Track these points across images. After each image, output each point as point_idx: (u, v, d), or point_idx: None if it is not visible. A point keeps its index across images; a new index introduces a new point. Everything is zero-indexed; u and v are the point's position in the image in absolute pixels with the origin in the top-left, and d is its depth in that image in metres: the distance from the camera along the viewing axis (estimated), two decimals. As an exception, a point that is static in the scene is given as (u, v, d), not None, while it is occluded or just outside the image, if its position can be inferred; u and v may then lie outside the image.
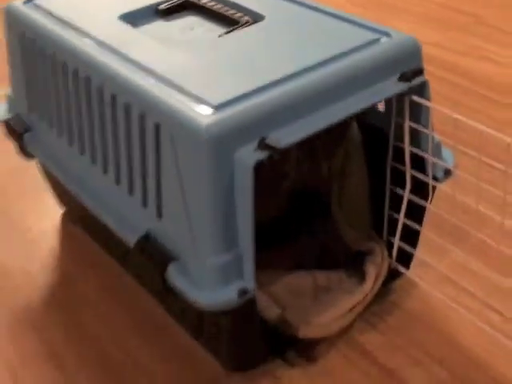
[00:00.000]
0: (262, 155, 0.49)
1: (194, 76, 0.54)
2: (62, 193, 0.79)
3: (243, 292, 0.51)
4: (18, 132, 0.71)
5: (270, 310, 0.61)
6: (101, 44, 0.60)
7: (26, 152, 0.72)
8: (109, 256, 0.75)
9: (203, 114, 0.50)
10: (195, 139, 0.49)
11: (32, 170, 0.81)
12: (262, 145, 0.49)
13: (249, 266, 0.52)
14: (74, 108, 0.63)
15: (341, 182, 0.68)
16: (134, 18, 0.65)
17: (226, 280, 0.52)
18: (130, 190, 0.58)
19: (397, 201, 0.64)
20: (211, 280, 0.52)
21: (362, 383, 0.61)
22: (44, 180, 0.80)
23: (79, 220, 0.79)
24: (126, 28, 0.63)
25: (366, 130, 0.65)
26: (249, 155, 0.49)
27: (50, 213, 0.83)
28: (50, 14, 0.66)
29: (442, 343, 0.64)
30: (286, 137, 0.49)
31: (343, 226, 0.68)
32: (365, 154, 0.66)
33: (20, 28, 0.67)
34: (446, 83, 1.02)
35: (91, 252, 0.77)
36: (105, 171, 0.61)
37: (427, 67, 0.59)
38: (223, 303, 0.51)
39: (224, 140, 0.49)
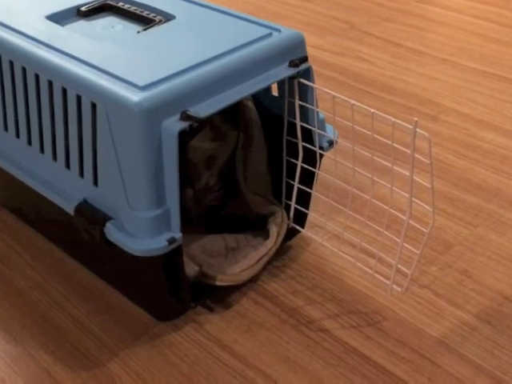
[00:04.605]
0: (184, 125, 0.60)
1: (122, 64, 0.65)
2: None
3: (172, 240, 0.62)
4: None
5: (188, 267, 0.72)
6: (34, 39, 0.69)
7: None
8: (40, 235, 0.83)
9: (134, 93, 0.60)
10: (128, 114, 0.60)
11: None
12: (184, 116, 0.60)
13: (175, 218, 0.63)
14: (9, 96, 0.71)
15: (245, 158, 0.80)
16: (59, 18, 0.74)
17: (157, 231, 0.62)
18: (67, 165, 0.67)
19: (292, 169, 0.77)
20: (145, 232, 0.62)
21: (269, 321, 0.74)
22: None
23: (9, 204, 0.86)
24: (54, 26, 0.72)
25: (264, 112, 0.77)
26: (173, 125, 0.60)
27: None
28: (-20, 14, 0.74)
29: (332, 285, 0.78)
30: (202, 110, 0.61)
31: (249, 194, 0.81)
32: (263, 132, 0.79)
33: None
34: (325, 79, 1.18)
35: (22, 232, 0.84)
36: (41, 151, 0.69)
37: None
38: (157, 249, 0.62)
39: (152, 113, 0.60)
